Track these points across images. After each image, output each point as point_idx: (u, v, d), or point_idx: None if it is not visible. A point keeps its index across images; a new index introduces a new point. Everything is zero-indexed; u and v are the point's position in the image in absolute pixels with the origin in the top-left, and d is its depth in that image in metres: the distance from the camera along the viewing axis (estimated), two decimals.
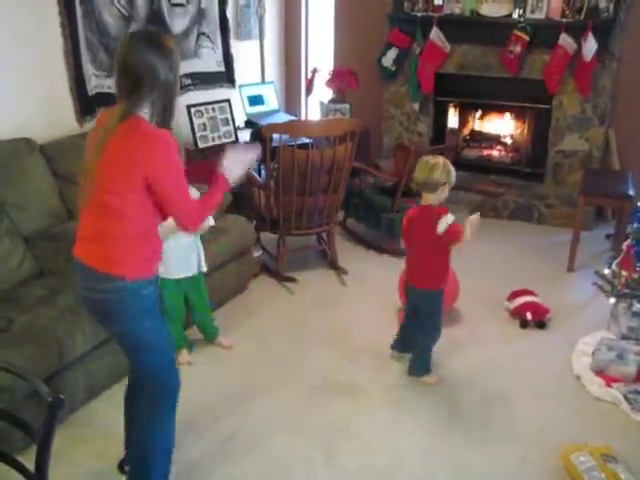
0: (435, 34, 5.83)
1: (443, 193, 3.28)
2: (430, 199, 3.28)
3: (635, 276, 3.69)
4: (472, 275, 4.73)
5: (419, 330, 3.46)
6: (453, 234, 3.24)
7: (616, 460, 2.79)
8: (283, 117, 5.75)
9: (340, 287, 4.56)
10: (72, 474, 2.80)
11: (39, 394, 1.79)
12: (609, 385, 3.40)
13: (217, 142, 5.13)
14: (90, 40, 4.31)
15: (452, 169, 3.27)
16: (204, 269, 3.62)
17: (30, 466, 1.87)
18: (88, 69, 4.31)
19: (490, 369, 3.63)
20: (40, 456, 1.78)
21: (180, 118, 5.02)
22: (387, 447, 3.01)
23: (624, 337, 3.74)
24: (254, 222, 4.66)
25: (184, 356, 3.64)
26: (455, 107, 6.44)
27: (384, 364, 3.66)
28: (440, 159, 3.26)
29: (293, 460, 2.91)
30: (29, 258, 3.53)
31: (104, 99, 4.44)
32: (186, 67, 5.27)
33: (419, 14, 5.86)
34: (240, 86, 5.79)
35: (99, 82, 4.41)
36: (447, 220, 3.24)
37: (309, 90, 6.48)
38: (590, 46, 5.29)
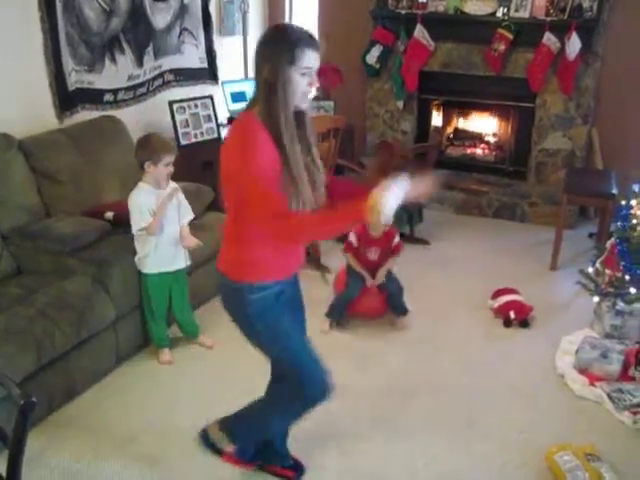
0: (419, 32, 5.82)
1: None
2: None
3: (619, 275, 3.68)
4: (455, 273, 4.74)
5: None
6: None
7: (600, 459, 2.79)
8: None
9: (323, 285, 4.52)
10: (50, 477, 2.75)
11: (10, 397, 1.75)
12: (593, 384, 3.39)
13: (199, 139, 5.08)
14: (70, 35, 4.24)
15: None
16: (189, 262, 3.61)
17: (3, 471, 1.81)
18: (68, 64, 4.24)
19: (473, 368, 3.61)
20: (12, 461, 1.73)
21: (163, 118, 4.99)
22: (369, 449, 2.98)
23: (607, 336, 3.74)
24: None
25: (166, 355, 3.61)
26: (439, 105, 6.43)
27: (366, 364, 3.64)
28: None
29: None
30: (6, 256, 3.48)
31: (84, 94, 4.39)
32: (169, 63, 5.23)
33: (403, 12, 5.85)
34: (223, 82, 5.75)
35: (79, 77, 4.34)
36: None
37: None
38: (574, 45, 5.29)
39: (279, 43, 2.05)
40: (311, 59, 2.06)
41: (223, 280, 2.32)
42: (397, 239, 4.06)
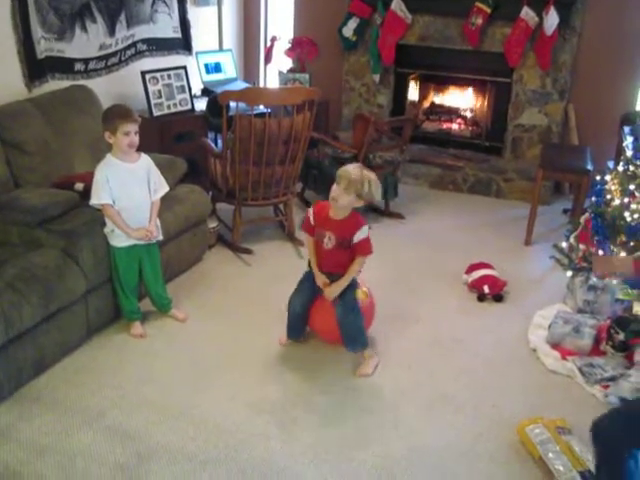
0: (396, 4, 5.76)
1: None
2: None
3: (592, 250, 3.70)
4: (430, 248, 4.74)
5: None
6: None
7: (570, 432, 2.80)
8: (241, 85, 5.63)
9: (297, 259, 4.50)
10: (19, 451, 2.71)
11: None
12: (564, 358, 3.42)
13: (172, 110, 5.00)
14: (39, 2, 4.13)
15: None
16: (160, 237, 3.55)
17: None
18: (37, 32, 4.13)
19: (447, 342, 3.62)
20: None
21: (136, 88, 4.90)
22: (344, 420, 2.98)
23: (580, 310, 3.76)
24: (210, 192, 4.57)
25: (137, 328, 3.56)
26: (415, 79, 6.39)
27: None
28: None
29: (249, 434, 2.86)
30: None
31: (54, 63, 4.29)
32: (141, 32, 5.12)
33: None
34: (197, 53, 5.66)
35: (49, 45, 4.24)
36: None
37: (268, 59, 6.36)
38: (551, 20, 5.28)
39: None
40: None
41: None
42: (362, 234, 3.14)
